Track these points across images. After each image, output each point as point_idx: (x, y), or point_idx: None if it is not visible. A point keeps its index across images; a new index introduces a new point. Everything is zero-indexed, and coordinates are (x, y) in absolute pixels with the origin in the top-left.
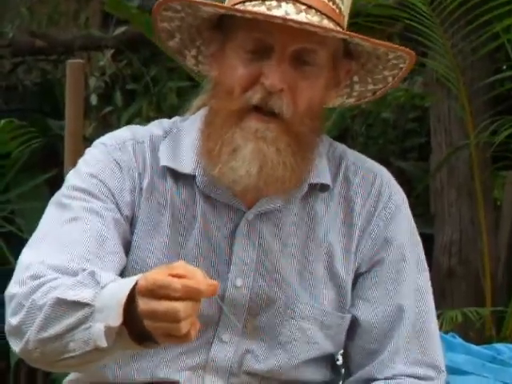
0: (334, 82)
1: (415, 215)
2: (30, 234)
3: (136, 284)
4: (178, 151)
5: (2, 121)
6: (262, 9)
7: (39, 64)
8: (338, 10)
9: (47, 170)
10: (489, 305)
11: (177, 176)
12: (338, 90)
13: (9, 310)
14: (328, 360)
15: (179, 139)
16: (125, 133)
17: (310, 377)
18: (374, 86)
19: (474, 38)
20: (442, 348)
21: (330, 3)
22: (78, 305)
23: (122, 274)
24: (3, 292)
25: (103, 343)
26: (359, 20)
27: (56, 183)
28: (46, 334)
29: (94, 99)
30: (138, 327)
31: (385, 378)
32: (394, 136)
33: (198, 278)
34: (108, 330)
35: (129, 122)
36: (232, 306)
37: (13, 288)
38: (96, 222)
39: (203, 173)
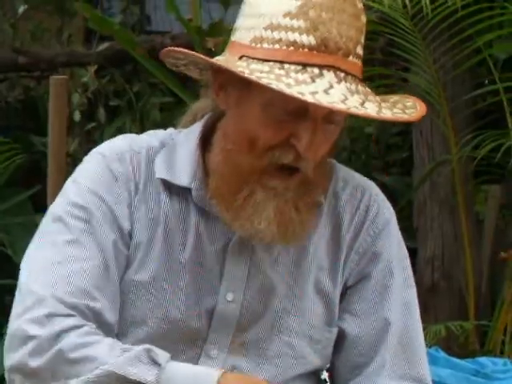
0: None
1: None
2: (14, 250)
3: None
4: (173, 164)
5: None
6: (305, 76)
7: (22, 81)
8: (360, 63)
9: (31, 186)
10: (472, 319)
11: (172, 188)
12: None
13: (25, 348)
14: (315, 374)
15: (175, 152)
16: (122, 143)
17: None
18: None
19: (455, 52)
20: (428, 362)
21: (358, 60)
22: None
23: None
24: None
25: None
26: None
27: (39, 199)
28: None
29: (77, 115)
30: None
31: None
32: (376, 151)
33: None
34: None
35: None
36: (221, 321)
37: (31, 327)
38: (95, 248)
39: (199, 186)
